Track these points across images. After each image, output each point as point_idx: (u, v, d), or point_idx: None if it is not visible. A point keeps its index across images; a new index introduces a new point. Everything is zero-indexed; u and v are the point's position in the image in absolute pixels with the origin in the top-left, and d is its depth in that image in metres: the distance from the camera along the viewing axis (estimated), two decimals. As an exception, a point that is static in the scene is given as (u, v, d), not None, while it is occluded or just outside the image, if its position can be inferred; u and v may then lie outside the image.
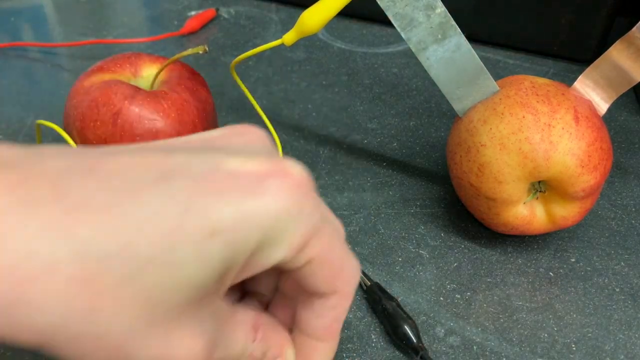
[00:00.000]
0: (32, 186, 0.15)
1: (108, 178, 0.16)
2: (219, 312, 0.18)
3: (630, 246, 0.34)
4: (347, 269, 0.20)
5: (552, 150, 0.28)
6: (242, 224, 0.16)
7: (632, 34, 0.29)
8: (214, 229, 0.16)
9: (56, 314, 0.15)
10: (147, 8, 0.63)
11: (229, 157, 0.17)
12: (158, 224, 0.15)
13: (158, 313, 0.16)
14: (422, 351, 0.26)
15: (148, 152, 0.17)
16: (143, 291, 0.15)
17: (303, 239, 0.18)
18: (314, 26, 0.31)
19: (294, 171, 0.18)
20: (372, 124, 0.44)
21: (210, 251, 0.16)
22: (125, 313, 0.15)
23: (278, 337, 0.22)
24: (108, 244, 0.15)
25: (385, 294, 0.29)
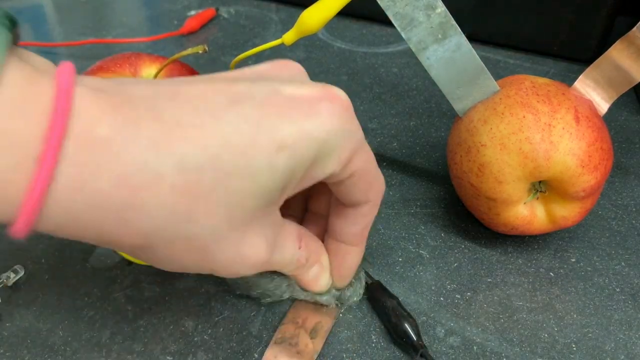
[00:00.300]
0: (131, 108, 0.17)
1: (190, 101, 0.18)
2: (277, 221, 0.22)
3: (631, 246, 0.34)
4: (378, 182, 0.23)
5: (552, 150, 0.28)
6: (303, 139, 0.19)
7: (632, 33, 0.29)
8: (281, 144, 0.18)
9: (160, 217, 0.17)
10: (146, 8, 0.63)
11: (284, 84, 0.20)
12: (237, 140, 0.18)
13: (237, 217, 0.19)
14: (422, 349, 0.26)
15: (215, 81, 0.19)
16: (227, 196, 0.18)
17: (350, 154, 0.20)
18: (314, 26, 0.31)
19: (340, 95, 0.20)
20: (372, 124, 0.44)
21: (279, 163, 0.18)
22: (213, 217, 0.18)
23: (316, 245, 0.25)
24: (201, 156, 0.17)
25: (386, 293, 0.29)
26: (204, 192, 0.18)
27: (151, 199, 0.17)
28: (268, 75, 0.21)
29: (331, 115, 0.19)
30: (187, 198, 0.17)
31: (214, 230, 0.18)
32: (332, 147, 0.20)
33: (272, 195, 0.19)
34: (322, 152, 0.19)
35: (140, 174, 0.17)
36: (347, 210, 0.24)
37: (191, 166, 0.17)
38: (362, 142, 0.21)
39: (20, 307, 0.29)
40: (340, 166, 0.20)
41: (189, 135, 0.17)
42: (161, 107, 0.17)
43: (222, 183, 0.18)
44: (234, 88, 0.19)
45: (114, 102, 0.17)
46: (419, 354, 0.26)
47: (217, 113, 0.18)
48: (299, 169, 0.19)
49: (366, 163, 0.22)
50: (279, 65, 0.22)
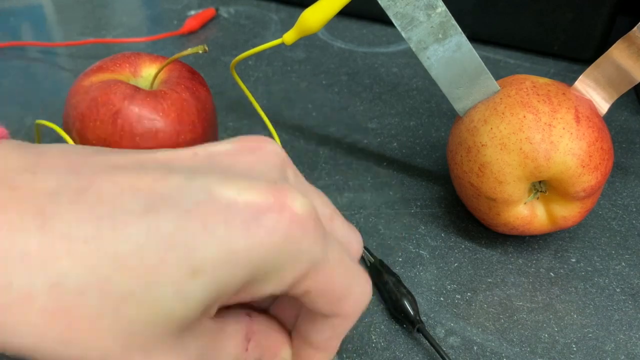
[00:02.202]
0: (18, 212, 0.15)
1: (95, 205, 0.15)
2: (205, 332, 0.18)
3: (631, 246, 0.33)
4: (353, 293, 0.19)
5: (552, 150, 0.28)
6: (229, 262, 0.15)
7: (632, 33, 0.29)
8: (196, 268, 0.15)
9: (30, 340, 0.15)
10: (146, 7, 0.63)
11: (229, 183, 0.16)
12: (138, 261, 0.15)
13: (135, 344, 0.16)
14: (419, 324, 0.27)
15: (145, 172, 0.16)
16: (119, 324, 0.15)
17: (296, 277, 0.17)
18: (314, 26, 0.31)
19: (295, 204, 0.16)
20: (372, 124, 0.44)
21: (191, 290, 0.15)
22: (99, 344, 0.15)
23: (273, 341, 0.21)
24: (85, 277, 0.15)
25: (387, 270, 0.30)
26: (85, 317, 0.15)
27: (19, 320, 0.15)
28: (220, 163, 0.18)
29: (273, 232, 0.16)
30: (63, 322, 0.15)
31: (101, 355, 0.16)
32: (270, 270, 0.16)
33: (185, 321, 0.16)
34: (256, 274, 0.16)
35: (5, 293, 0.14)
36: (315, 316, 0.20)
37: (69, 289, 0.15)
38: (320, 262, 0.17)
39: (20, 307, 0.29)
40: (282, 288, 0.17)
41: (76, 250, 0.15)
42: (55, 211, 0.15)
43: (113, 310, 0.15)
44: (161, 184, 0.16)
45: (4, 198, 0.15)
46: (416, 329, 0.27)
47: (123, 223, 0.15)
48: (221, 294, 0.16)
49: (329, 279, 0.18)
50: (246, 146, 0.19)
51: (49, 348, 0.15)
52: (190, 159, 0.18)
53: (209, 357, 0.18)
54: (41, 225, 0.15)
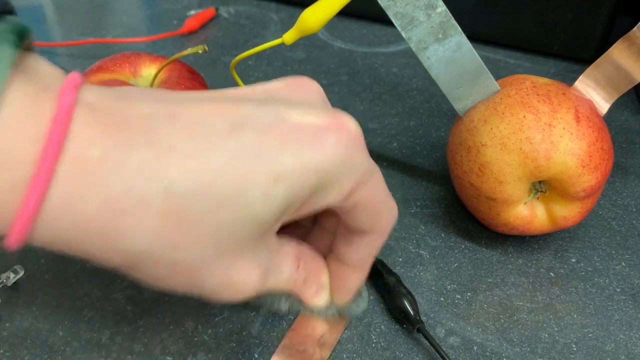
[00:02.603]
0: (126, 130, 0.17)
1: (189, 125, 0.18)
2: (271, 246, 0.21)
3: (631, 246, 0.33)
4: (386, 211, 0.22)
5: (552, 150, 0.28)
6: (302, 171, 0.18)
7: (633, 33, 0.29)
8: (278, 175, 0.18)
9: (144, 242, 0.17)
10: (146, 7, 0.63)
11: (291, 109, 0.19)
12: (232, 169, 0.17)
13: (226, 245, 0.18)
14: (419, 324, 0.27)
15: (220, 101, 0.19)
16: (216, 225, 0.18)
17: (352, 186, 0.20)
18: (314, 25, 0.31)
19: (349, 125, 0.19)
20: (372, 124, 0.44)
21: (275, 194, 0.18)
22: (200, 244, 0.18)
23: (316, 265, 0.24)
24: (191, 184, 0.17)
25: (387, 270, 0.30)
26: (191, 219, 0.17)
27: (135, 223, 0.17)
28: (278, 95, 0.21)
29: (335, 147, 0.19)
30: (172, 224, 0.17)
31: (200, 257, 0.18)
32: (333, 179, 0.19)
33: (265, 225, 0.19)
34: (322, 183, 0.19)
35: (126, 198, 0.17)
36: (353, 235, 0.23)
37: (179, 193, 0.17)
38: (369, 174, 0.20)
39: (20, 307, 0.29)
40: (340, 197, 0.20)
41: (181, 162, 0.17)
42: (157, 130, 0.17)
43: (212, 212, 0.18)
44: (237, 111, 0.19)
45: (109, 124, 0.17)
46: (416, 329, 0.27)
47: (215, 139, 0.18)
48: (296, 199, 0.19)
49: (373, 194, 0.21)
50: (294, 84, 0.22)
51: (158, 251, 0.18)
52: (252, 92, 0.21)
53: (272, 268, 0.21)
54: (149, 141, 0.17)
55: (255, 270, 0.20)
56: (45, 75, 0.18)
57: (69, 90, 0.17)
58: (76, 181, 0.16)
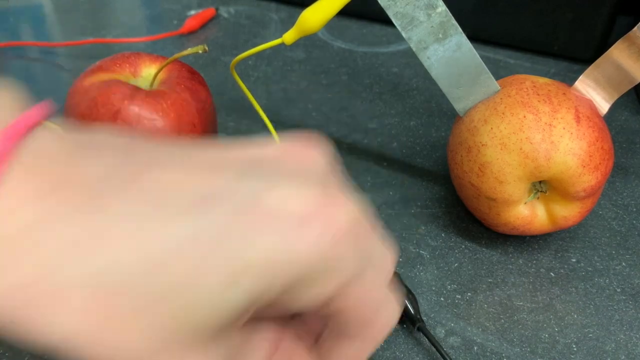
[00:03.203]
0: (67, 195, 0.15)
1: (147, 193, 0.15)
2: (234, 340, 0.18)
3: (631, 246, 0.33)
4: (381, 316, 0.19)
5: (553, 150, 0.28)
6: (269, 270, 0.15)
7: (633, 33, 0.29)
8: (242, 269, 0.15)
9: (66, 330, 0.14)
10: (146, 7, 0.63)
11: (274, 189, 0.16)
12: (187, 253, 0.14)
13: (169, 342, 0.15)
14: (419, 323, 0.27)
15: (193, 168, 0.16)
16: (157, 321, 0.15)
17: (334, 290, 0.16)
18: (314, 25, 0.31)
19: (341, 214, 0.16)
20: (372, 124, 0.44)
21: (233, 291, 0.15)
22: (134, 340, 0.15)
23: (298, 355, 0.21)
24: (131, 268, 0.14)
25: None
26: (125, 311, 0.15)
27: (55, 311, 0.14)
28: (268, 165, 0.17)
29: (316, 242, 0.15)
30: (101, 316, 0.14)
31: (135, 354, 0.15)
32: (311, 280, 0.16)
33: (218, 326, 0.16)
34: (293, 285, 0.16)
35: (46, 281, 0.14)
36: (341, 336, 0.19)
37: (114, 280, 0.14)
38: (360, 274, 0.17)
39: (20, 307, 0.29)
40: (318, 302, 0.17)
41: (123, 242, 0.14)
42: (105, 200, 0.15)
43: (154, 305, 0.15)
44: (209, 182, 0.16)
45: (47, 188, 0.15)
46: (416, 328, 0.27)
47: (174, 214, 0.15)
48: (261, 297, 0.16)
49: (362, 297, 0.17)
50: (293, 150, 0.18)
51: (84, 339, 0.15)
52: (236, 158, 0.17)
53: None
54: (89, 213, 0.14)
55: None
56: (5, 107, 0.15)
57: (12, 134, 0.14)
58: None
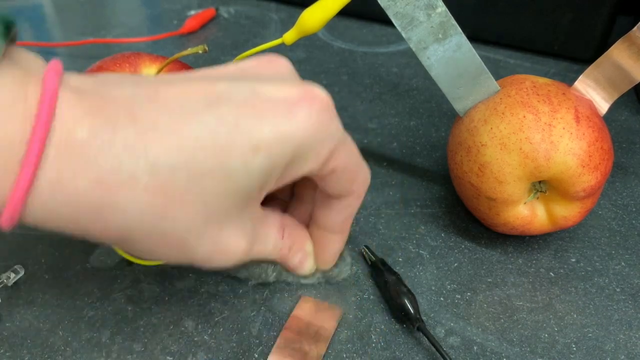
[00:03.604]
0: (110, 111, 0.18)
1: (168, 103, 0.19)
2: (256, 215, 0.23)
3: (631, 246, 0.33)
4: (361, 175, 0.24)
5: (552, 150, 0.28)
6: (279, 141, 0.19)
7: (633, 33, 0.29)
8: (257, 145, 0.19)
9: (135, 216, 0.18)
10: (146, 7, 0.63)
11: (264, 84, 0.20)
12: (212, 141, 0.18)
13: (212, 214, 0.19)
14: (419, 323, 0.27)
15: (196, 81, 0.20)
16: (202, 196, 0.19)
17: (328, 153, 0.21)
18: (314, 25, 0.31)
19: (320, 96, 0.21)
20: (372, 124, 0.44)
21: (254, 163, 0.19)
22: (187, 214, 0.19)
23: (300, 234, 0.26)
24: (175, 158, 0.18)
25: (388, 269, 0.30)
26: (177, 192, 0.18)
27: (125, 199, 0.18)
28: (251, 73, 0.22)
29: (308, 117, 0.20)
30: (161, 198, 0.18)
31: (189, 227, 0.19)
32: (309, 148, 0.20)
33: (248, 194, 0.20)
34: (299, 152, 0.20)
35: (115, 175, 0.17)
36: (331, 200, 0.24)
37: (165, 168, 0.18)
38: (342, 140, 0.22)
39: (21, 307, 0.29)
40: (318, 165, 0.21)
41: (164, 138, 0.18)
42: (139, 110, 0.18)
43: (197, 183, 0.18)
44: (213, 88, 0.19)
45: (94, 105, 0.18)
46: (416, 327, 0.27)
47: (194, 115, 0.18)
48: (275, 169, 0.20)
49: (347, 159, 0.22)
50: (265, 61, 0.22)
51: (148, 224, 0.19)
52: (225, 71, 0.21)
53: (258, 237, 0.23)
54: (132, 120, 0.18)
55: (241, 238, 0.21)
56: (29, 63, 0.19)
57: (52, 75, 0.18)
58: (66, 160, 0.17)
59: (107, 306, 0.29)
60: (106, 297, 0.29)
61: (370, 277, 0.31)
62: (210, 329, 0.28)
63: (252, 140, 0.19)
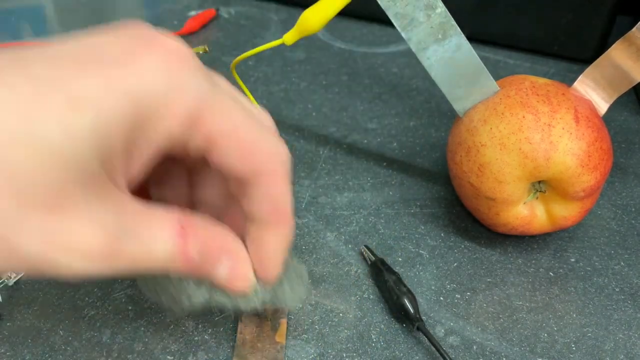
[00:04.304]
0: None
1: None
2: (120, 203, 0.17)
3: (630, 246, 0.34)
4: (265, 146, 0.18)
5: (552, 150, 0.28)
6: (110, 95, 0.15)
7: (632, 33, 0.29)
8: (77, 100, 0.15)
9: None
10: (146, 8, 0.63)
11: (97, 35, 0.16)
12: (16, 101, 0.14)
13: (30, 197, 0.15)
14: (419, 322, 0.27)
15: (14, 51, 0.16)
16: (9, 173, 0.14)
17: (187, 111, 0.17)
18: (314, 26, 0.31)
19: (167, 42, 0.17)
20: (372, 124, 0.44)
21: (76, 123, 0.15)
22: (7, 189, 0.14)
23: (214, 233, 0.19)
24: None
25: (388, 268, 0.30)
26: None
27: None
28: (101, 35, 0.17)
29: (150, 65, 0.16)
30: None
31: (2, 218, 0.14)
32: (158, 104, 0.16)
33: (84, 168, 0.15)
34: (143, 110, 0.16)
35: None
36: (247, 186, 0.19)
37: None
38: (211, 97, 0.17)
39: (21, 306, 0.29)
40: (179, 126, 0.17)
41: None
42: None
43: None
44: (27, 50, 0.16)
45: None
46: (416, 327, 0.27)
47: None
48: (112, 131, 0.15)
49: (230, 124, 0.18)
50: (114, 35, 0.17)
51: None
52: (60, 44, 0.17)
53: (128, 231, 0.17)
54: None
55: (94, 230, 0.16)
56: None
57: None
58: None
59: (107, 306, 0.29)
60: (107, 296, 0.29)
61: (370, 277, 0.31)
62: (210, 329, 0.28)
63: (69, 95, 0.14)
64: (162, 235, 0.18)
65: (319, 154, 0.40)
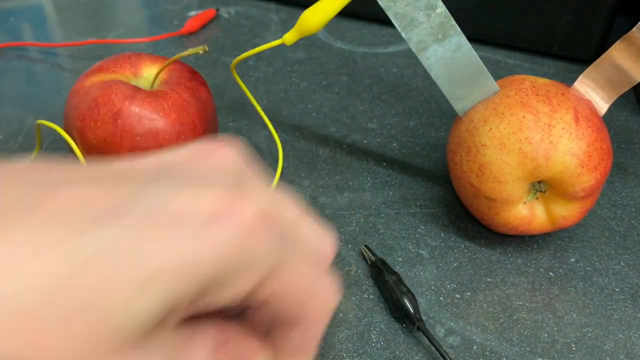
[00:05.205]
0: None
1: (50, 217, 0.15)
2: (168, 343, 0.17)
3: (630, 246, 0.34)
4: (317, 297, 0.19)
5: (552, 150, 0.28)
6: (179, 273, 0.15)
7: (632, 33, 0.29)
8: (146, 280, 0.15)
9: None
10: (147, 8, 0.63)
11: (181, 192, 0.16)
12: (94, 268, 0.14)
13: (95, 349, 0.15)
14: (419, 322, 0.27)
15: (98, 183, 0.16)
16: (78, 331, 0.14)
17: (252, 284, 0.16)
18: (314, 26, 0.31)
19: (251, 207, 0.16)
20: (372, 124, 0.44)
21: (142, 303, 0.15)
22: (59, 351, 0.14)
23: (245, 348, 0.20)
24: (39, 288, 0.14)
25: (388, 268, 0.30)
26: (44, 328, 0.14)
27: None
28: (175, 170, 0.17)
29: (223, 241, 0.15)
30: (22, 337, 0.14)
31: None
32: (225, 278, 0.16)
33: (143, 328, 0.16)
34: (210, 283, 0.16)
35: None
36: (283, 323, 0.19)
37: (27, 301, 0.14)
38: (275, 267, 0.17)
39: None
40: (240, 296, 0.17)
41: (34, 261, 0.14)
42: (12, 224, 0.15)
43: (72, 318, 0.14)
44: (115, 194, 0.16)
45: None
46: (415, 327, 0.27)
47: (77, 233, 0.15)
48: (177, 304, 0.16)
49: (289, 283, 0.17)
50: (201, 152, 0.18)
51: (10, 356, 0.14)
52: (145, 166, 0.18)
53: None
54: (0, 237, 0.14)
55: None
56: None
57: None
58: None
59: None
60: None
61: (370, 276, 0.31)
62: (210, 329, 0.28)
63: (145, 270, 0.15)
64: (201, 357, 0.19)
65: (319, 154, 0.40)
